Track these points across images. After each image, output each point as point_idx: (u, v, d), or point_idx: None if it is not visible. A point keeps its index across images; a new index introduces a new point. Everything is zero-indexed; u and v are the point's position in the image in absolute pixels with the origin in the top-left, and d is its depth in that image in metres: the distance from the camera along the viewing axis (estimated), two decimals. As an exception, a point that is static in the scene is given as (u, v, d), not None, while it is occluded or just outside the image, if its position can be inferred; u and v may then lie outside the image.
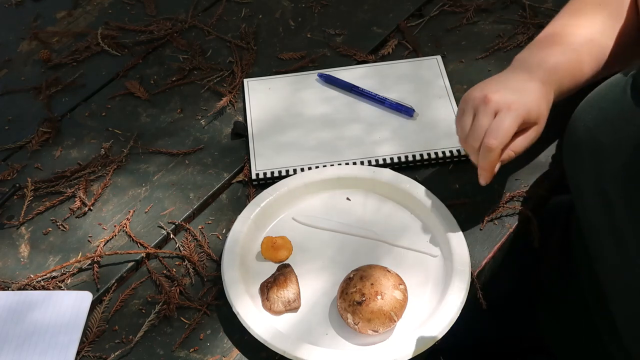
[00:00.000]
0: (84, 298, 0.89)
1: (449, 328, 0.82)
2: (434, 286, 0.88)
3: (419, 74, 1.11)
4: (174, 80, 1.16)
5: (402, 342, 0.82)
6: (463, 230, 0.90)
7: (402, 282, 0.83)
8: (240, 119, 1.09)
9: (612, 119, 0.76)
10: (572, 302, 0.87)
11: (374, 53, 1.16)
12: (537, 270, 1.05)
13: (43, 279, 0.92)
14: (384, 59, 1.15)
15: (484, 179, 0.85)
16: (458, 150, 0.99)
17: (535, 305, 1.04)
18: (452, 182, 0.98)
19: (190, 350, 0.85)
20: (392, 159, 1.00)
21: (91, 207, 1.00)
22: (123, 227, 0.97)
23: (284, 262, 0.91)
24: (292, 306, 0.86)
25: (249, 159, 1.03)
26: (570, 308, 0.94)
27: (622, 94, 0.77)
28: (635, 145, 0.73)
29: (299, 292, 0.88)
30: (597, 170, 0.77)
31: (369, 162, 1.00)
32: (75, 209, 1.00)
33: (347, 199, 0.97)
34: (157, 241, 0.95)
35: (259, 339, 0.82)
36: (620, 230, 0.74)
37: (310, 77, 1.13)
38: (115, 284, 0.92)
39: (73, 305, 0.88)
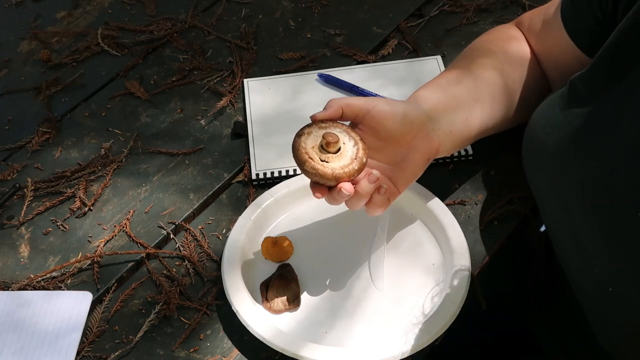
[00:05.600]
0: (84, 298, 0.89)
1: (447, 327, 0.82)
2: (433, 285, 0.88)
3: (419, 74, 1.11)
4: (174, 80, 1.16)
5: (401, 340, 0.82)
6: (463, 230, 0.90)
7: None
8: (240, 119, 1.09)
9: (558, 126, 0.76)
10: (559, 301, 0.87)
11: (374, 53, 1.16)
12: (532, 271, 1.05)
13: (43, 279, 0.92)
14: (384, 59, 1.15)
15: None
16: (458, 151, 0.99)
17: (529, 305, 1.04)
18: (452, 182, 0.98)
19: (190, 350, 0.85)
20: (392, 159, 1.00)
21: (91, 207, 1.00)
22: (123, 227, 0.97)
23: (284, 262, 0.91)
24: (292, 305, 0.86)
25: (248, 159, 1.03)
26: (557, 308, 0.94)
27: (561, 100, 0.76)
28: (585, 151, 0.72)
29: (299, 292, 0.88)
30: (553, 179, 0.77)
31: (369, 162, 1.00)
32: (75, 209, 1.00)
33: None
34: (157, 241, 0.95)
35: (258, 337, 0.82)
36: (579, 235, 0.74)
37: (310, 77, 1.13)
38: (115, 284, 0.92)
39: (73, 306, 0.89)
